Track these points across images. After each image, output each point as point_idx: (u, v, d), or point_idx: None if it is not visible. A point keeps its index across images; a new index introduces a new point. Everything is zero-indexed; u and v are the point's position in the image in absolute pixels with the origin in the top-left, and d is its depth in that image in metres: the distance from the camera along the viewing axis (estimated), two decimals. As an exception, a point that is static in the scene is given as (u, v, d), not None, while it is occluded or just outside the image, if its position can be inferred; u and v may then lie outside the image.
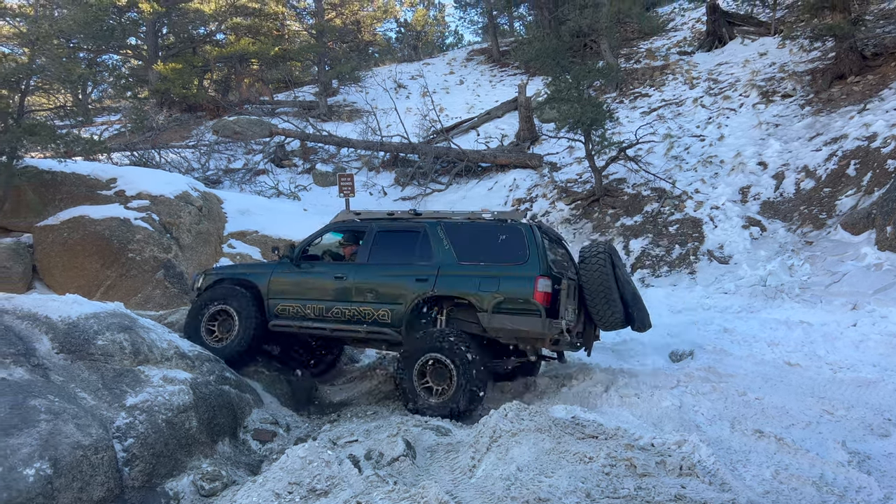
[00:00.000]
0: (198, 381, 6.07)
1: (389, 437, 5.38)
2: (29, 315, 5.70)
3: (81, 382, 5.29)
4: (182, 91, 24.48)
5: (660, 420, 6.10)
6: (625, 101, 18.82)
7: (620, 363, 8.62)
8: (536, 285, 6.49)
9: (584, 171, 15.28)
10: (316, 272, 7.66)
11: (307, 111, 25.16)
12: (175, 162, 18.41)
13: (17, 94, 12.91)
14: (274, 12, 27.01)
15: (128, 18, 25.66)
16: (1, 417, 4.28)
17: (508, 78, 26.86)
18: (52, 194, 12.65)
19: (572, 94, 13.21)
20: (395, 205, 16.69)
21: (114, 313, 6.23)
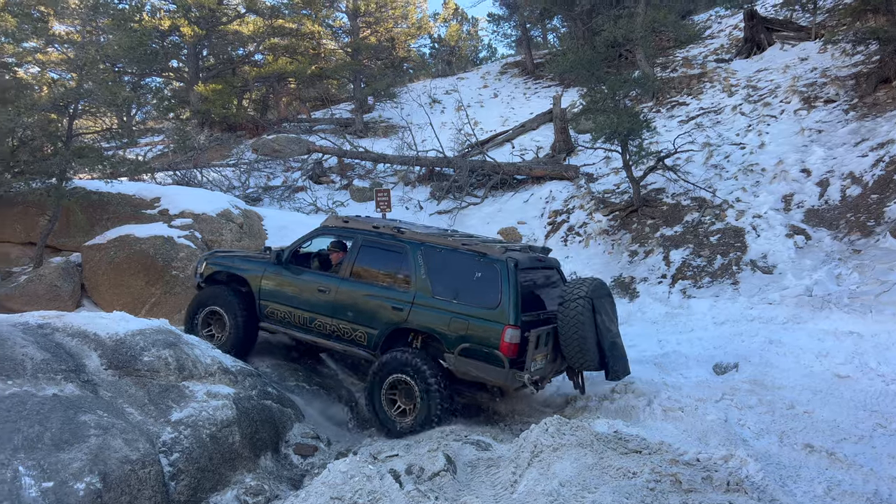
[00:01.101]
0: (240, 395, 6.15)
1: (430, 452, 5.37)
2: (78, 332, 5.85)
3: (128, 398, 5.40)
4: (222, 111, 25.04)
5: (705, 434, 5.97)
6: (662, 111, 18.62)
7: (663, 376, 8.47)
8: (503, 335, 6.33)
9: (621, 181, 15.14)
10: (303, 279, 7.71)
11: (344, 128, 25.48)
12: (216, 180, 18.79)
13: (66, 118, 13.35)
14: (310, 32, 27.48)
15: (170, 42, 26.42)
16: (53, 432, 4.39)
17: (543, 90, 26.82)
18: (99, 214, 13.02)
19: (608, 104, 13.12)
20: (430, 219, 16.73)
21: (159, 330, 6.36)
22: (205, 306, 8.03)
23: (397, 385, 6.71)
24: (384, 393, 6.73)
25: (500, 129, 21.95)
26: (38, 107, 12.85)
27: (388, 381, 6.71)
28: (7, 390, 4.63)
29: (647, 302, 11.18)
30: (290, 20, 26.90)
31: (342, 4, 27.68)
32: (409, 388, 6.61)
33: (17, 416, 4.36)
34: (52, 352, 5.37)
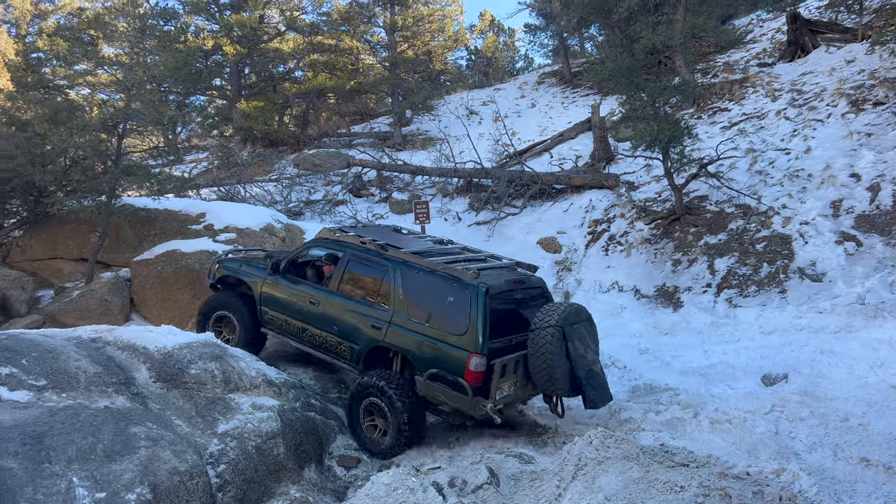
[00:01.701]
0: (284, 407, 6.23)
1: (472, 465, 5.36)
2: (128, 346, 6.01)
3: (176, 410, 5.52)
4: (264, 127, 25.55)
5: (754, 447, 5.83)
6: (703, 117, 18.33)
7: (709, 387, 8.31)
8: (468, 363, 6.34)
9: (663, 189, 14.93)
10: (298, 289, 7.97)
11: (382, 141, 25.72)
12: (259, 195, 19.13)
13: (115, 138, 13.77)
14: (349, 47, 27.86)
15: (213, 61, 27.12)
16: (105, 444, 4.51)
17: (581, 99, 26.67)
18: (146, 230, 13.37)
19: (648, 111, 12.97)
20: (469, 230, 16.74)
21: (205, 343, 6.49)
22: (215, 310, 8.56)
23: (372, 407, 6.87)
24: (362, 414, 6.91)
25: (538, 138, 21.88)
26: (88, 127, 13.28)
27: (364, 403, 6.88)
28: (62, 403, 4.77)
29: (692, 312, 10.98)
30: (329, 36, 27.34)
31: (380, 20, 28.00)
32: (382, 409, 6.75)
33: (72, 428, 4.48)
34: (103, 365, 5.53)
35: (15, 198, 14.44)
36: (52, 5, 28.36)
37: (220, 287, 9.03)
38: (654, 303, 11.79)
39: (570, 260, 14.27)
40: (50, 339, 5.62)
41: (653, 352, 10.11)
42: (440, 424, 7.77)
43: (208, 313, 8.61)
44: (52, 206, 13.35)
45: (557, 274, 13.97)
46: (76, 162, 13.83)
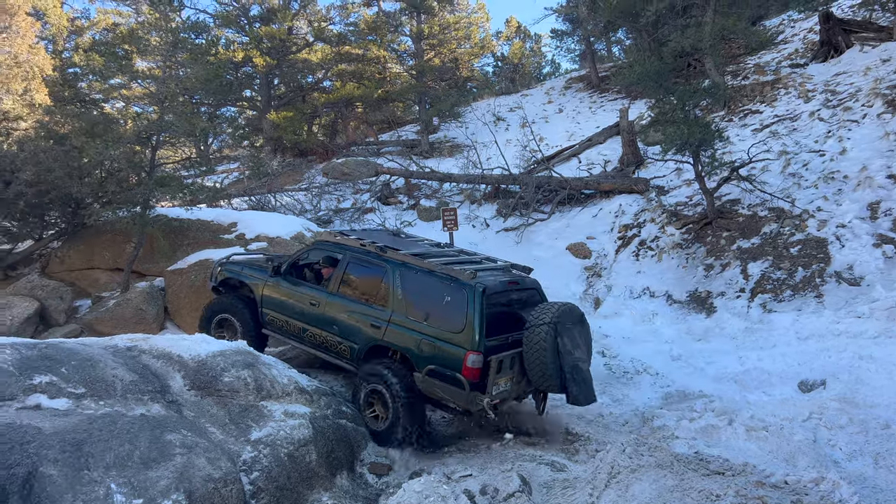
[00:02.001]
0: (316, 415, 6.27)
1: (504, 472, 5.33)
2: (163, 354, 6.10)
3: (210, 417, 5.58)
4: (293, 137, 25.86)
5: (792, 455, 5.71)
6: (734, 119, 18.09)
7: (744, 394, 8.17)
8: (466, 360, 6.57)
9: (694, 193, 14.75)
10: (299, 291, 8.16)
11: (410, 149, 25.85)
12: (289, 204, 19.34)
13: (149, 149, 14.05)
14: (376, 56, 28.09)
15: (243, 73, 27.54)
16: (142, 451, 4.58)
17: (609, 103, 26.51)
18: (180, 240, 13.60)
19: (678, 115, 12.83)
20: (497, 236, 16.72)
21: (238, 351, 6.57)
22: (217, 313, 8.76)
23: (373, 394, 7.15)
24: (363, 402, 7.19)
25: (565, 144, 21.79)
26: (123, 139, 13.57)
27: (366, 390, 7.18)
28: (100, 410, 4.86)
29: (725, 317, 10.82)
30: (357, 46, 27.60)
31: (406, 28, 28.19)
32: (383, 396, 7.02)
33: (109, 436, 4.56)
34: (139, 373, 5.62)
35: (54, 210, 14.81)
36: (87, 21, 29.09)
37: (221, 290, 9.21)
38: (686, 308, 11.64)
39: (600, 265, 14.16)
40: (88, 347, 5.73)
41: (686, 358, 9.98)
42: (471, 431, 7.75)
43: (210, 316, 8.79)
44: (88, 218, 13.65)
45: (587, 280, 13.86)
46: (111, 174, 14.14)
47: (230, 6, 27.81)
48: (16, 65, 16.18)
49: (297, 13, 27.64)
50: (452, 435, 7.79)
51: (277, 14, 26.33)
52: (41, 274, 14.56)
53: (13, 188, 13.20)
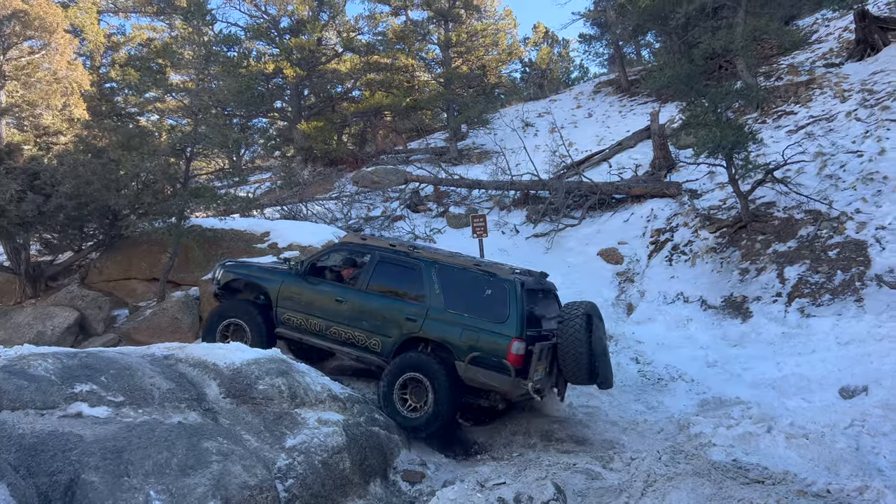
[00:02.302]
0: (349, 422, 6.30)
1: (538, 480, 5.29)
2: (199, 362, 6.19)
3: (245, 425, 5.64)
4: (323, 147, 26.13)
5: (834, 463, 5.57)
6: (768, 121, 17.80)
7: (783, 400, 8.00)
8: (511, 347, 7.02)
9: (727, 196, 14.53)
10: (321, 289, 8.28)
11: (439, 156, 25.91)
12: (320, 213, 19.52)
13: (184, 161, 14.31)
14: (404, 65, 28.25)
15: (274, 84, 27.94)
16: (179, 458, 4.65)
17: (639, 107, 26.28)
18: (214, 250, 13.80)
19: (709, 117, 12.67)
20: (527, 243, 16.65)
21: (272, 359, 6.63)
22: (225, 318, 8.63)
23: (409, 383, 7.32)
24: (396, 391, 7.32)
25: (595, 148, 21.64)
26: (158, 152, 13.85)
27: (401, 379, 7.33)
28: (138, 418, 4.95)
29: (762, 322, 10.61)
30: (385, 55, 27.80)
31: (434, 37, 28.32)
32: (420, 385, 7.22)
33: (148, 443, 4.65)
34: (176, 381, 5.71)
35: (92, 221, 15.16)
36: (123, 37, 29.76)
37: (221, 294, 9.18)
38: (721, 313, 11.45)
39: (633, 271, 14.01)
40: (126, 356, 5.84)
41: (721, 364, 9.81)
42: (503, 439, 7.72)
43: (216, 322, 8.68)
44: (125, 229, 13.94)
45: (619, 285, 13.72)
46: (147, 185, 14.43)
47: (261, 19, 28.25)
48: (55, 81, 16.62)
49: (326, 24, 27.97)
50: (485, 443, 7.76)
51: (307, 25, 26.68)
52: (80, 284, 14.91)
53: (54, 201, 13.54)
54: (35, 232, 15.13)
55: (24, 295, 15.29)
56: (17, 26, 15.56)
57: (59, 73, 16.62)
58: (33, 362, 5.05)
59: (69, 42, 17.15)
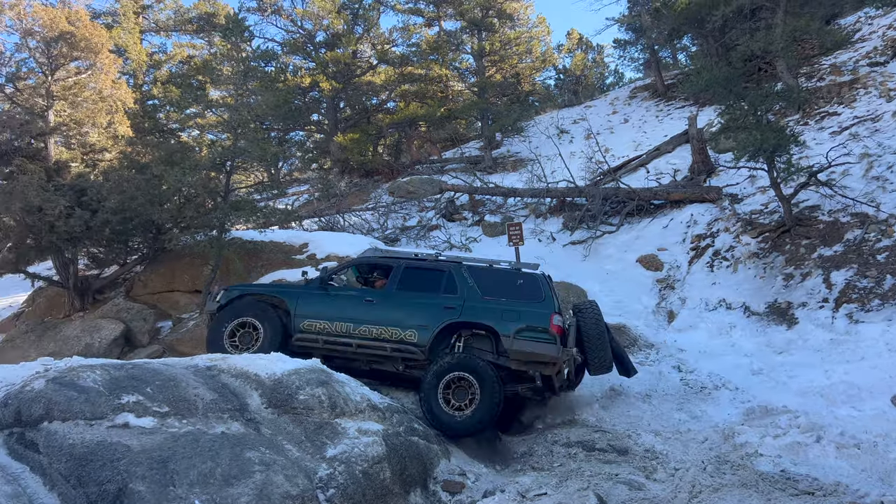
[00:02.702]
0: (389, 432, 6.30)
1: (580, 491, 5.23)
2: (241, 373, 6.27)
3: (287, 435, 5.69)
4: (360, 158, 26.39)
5: (888, 474, 5.39)
6: (810, 123, 17.40)
7: (832, 409, 7.78)
8: (553, 318, 7.72)
9: (769, 200, 14.23)
10: (346, 295, 8.59)
11: (473, 165, 25.94)
12: (357, 224, 19.69)
13: (224, 175, 14.59)
14: (438, 76, 28.42)
15: (310, 97, 28.38)
16: (223, 468, 4.71)
17: (676, 111, 25.96)
18: (254, 262, 14.03)
19: (749, 120, 12.44)
20: (564, 250, 16.52)
21: (312, 369, 6.69)
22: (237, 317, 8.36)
23: (453, 382, 7.50)
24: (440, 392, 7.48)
25: (632, 154, 21.42)
26: (199, 166, 14.15)
27: (445, 380, 7.49)
28: (183, 428, 5.04)
29: (808, 329, 10.33)
30: (419, 66, 28.01)
31: (467, 46, 28.43)
32: (465, 385, 7.44)
33: (192, 453, 4.72)
34: (219, 392, 5.79)
35: (136, 236, 15.55)
36: (164, 55, 30.58)
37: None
38: (765, 320, 11.19)
39: (673, 277, 13.79)
40: (171, 367, 5.95)
41: (767, 372, 9.58)
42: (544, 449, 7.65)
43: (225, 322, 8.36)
44: (168, 242, 14.26)
45: (660, 292, 13.52)
46: (189, 199, 14.74)
47: (297, 34, 28.75)
48: (100, 99, 17.13)
49: (360, 37, 28.32)
50: (524, 453, 7.70)
51: (342, 39, 27.05)
52: (126, 297, 15.28)
53: (100, 216, 13.92)
54: (83, 246, 15.59)
55: (72, 308, 15.74)
56: (64, 48, 16.10)
57: (104, 92, 17.11)
58: (82, 374, 5.18)
59: (113, 62, 17.67)
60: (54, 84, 16.32)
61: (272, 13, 28.35)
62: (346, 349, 8.20)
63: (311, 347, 8.29)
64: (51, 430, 4.56)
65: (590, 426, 8.23)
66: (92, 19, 18.84)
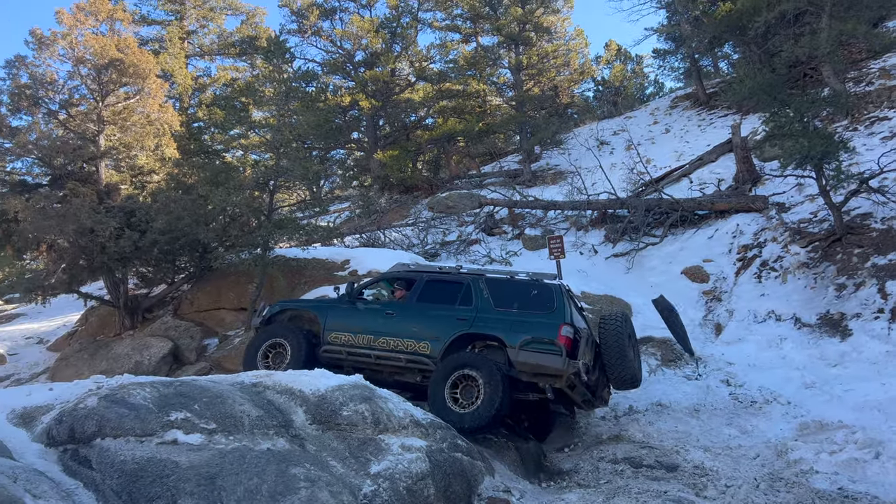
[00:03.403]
0: (432, 448, 6.27)
1: (628, 509, 5.11)
2: (286, 389, 6.32)
3: (331, 451, 5.71)
4: (399, 174, 26.60)
5: (954, 493, 5.14)
6: (859, 128, 16.93)
7: (890, 424, 7.48)
8: (560, 330, 7.53)
9: (818, 208, 13.85)
10: (369, 308, 8.77)
11: (512, 179, 25.90)
12: (397, 240, 19.81)
13: (267, 194, 14.86)
14: (476, 91, 28.54)
15: (350, 116, 28.78)
16: (269, 485, 4.74)
17: (718, 120, 25.53)
18: (297, 279, 14.22)
19: (795, 127, 12.15)
20: (607, 263, 16.33)
21: (355, 385, 6.70)
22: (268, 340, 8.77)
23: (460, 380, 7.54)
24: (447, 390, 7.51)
25: (674, 164, 21.11)
26: (243, 186, 14.45)
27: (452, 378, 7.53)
28: (229, 445, 5.10)
29: (863, 340, 9.99)
30: (457, 82, 28.19)
31: (504, 61, 28.49)
32: (472, 383, 7.45)
33: (239, 469, 4.77)
34: (264, 408, 5.85)
35: (183, 255, 15.92)
36: (208, 79, 31.41)
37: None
38: (817, 332, 10.85)
39: (720, 289, 13.50)
40: (217, 384, 6.04)
41: (820, 385, 9.27)
42: (590, 465, 7.52)
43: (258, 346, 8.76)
44: (214, 261, 14.56)
45: (706, 305, 13.24)
46: (234, 219, 15.05)
47: (336, 54, 29.25)
48: (148, 123, 17.65)
49: (399, 55, 28.64)
50: (570, 469, 7.59)
51: (381, 58, 27.40)
52: (174, 315, 15.64)
53: (148, 236, 14.30)
54: (132, 266, 16.02)
55: (122, 326, 16.17)
56: (114, 74, 16.66)
57: (151, 116, 17.63)
58: (132, 391, 5.29)
59: (160, 86, 18.20)
60: (105, 109, 16.88)
61: (312, 34, 28.93)
62: (368, 360, 8.39)
63: (337, 359, 8.57)
64: (103, 447, 4.67)
65: (636, 442, 8.07)
66: (140, 46, 19.48)
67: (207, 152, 23.63)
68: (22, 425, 5.10)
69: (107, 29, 17.59)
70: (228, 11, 30.52)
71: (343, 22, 29.16)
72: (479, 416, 7.25)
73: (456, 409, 7.41)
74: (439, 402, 7.49)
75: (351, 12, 29.25)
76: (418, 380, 8.28)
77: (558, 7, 30.00)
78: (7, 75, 16.43)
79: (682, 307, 13.14)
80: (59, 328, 19.91)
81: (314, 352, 8.63)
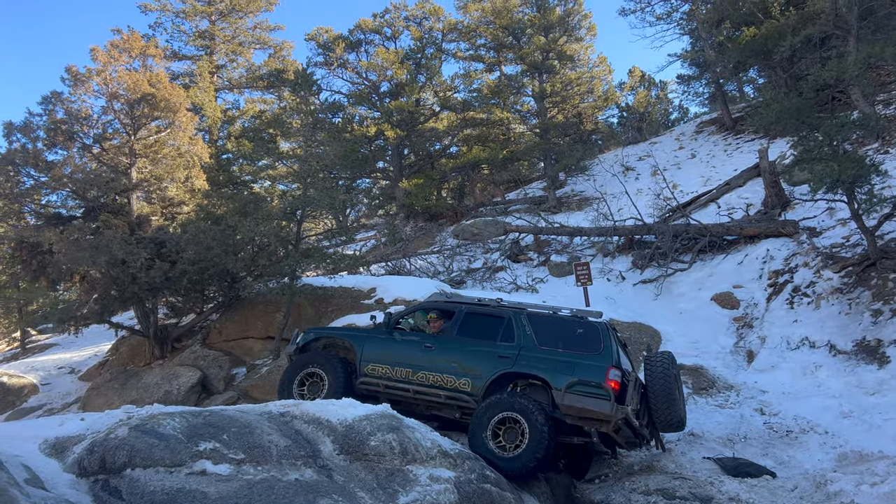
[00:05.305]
0: (461, 479, 6.19)
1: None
2: (313, 419, 6.31)
3: (359, 482, 5.67)
4: (424, 202, 26.77)
5: None
6: (891, 151, 16.67)
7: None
8: (608, 373, 7.22)
9: (851, 233, 13.60)
10: (407, 340, 8.48)
11: (537, 206, 25.89)
12: (423, 267, 19.84)
13: (294, 224, 15.03)
14: (499, 119, 28.72)
15: (376, 146, 29.13)
16: (297, 516, 4.72)
17: (745, 145, 25.33)
18: (324, 307, 14.30)
19: (825, 151, 12.00)
20: (634, 290, 16.16)
21: (383, 415, 6.67)
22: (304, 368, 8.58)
23: (502, 424, 7.22)
24: (490, 430, 7.23)
25: (701, 189, 20.94)
26: (271, 216, 14.63)
27: (496, 419, 7.22)
28: (258, 476, 5.09)
29: (903, 368, 9.71)
30: (481, 111, 28.40)
31: (528, 89, 28.66)
32: (515, 426, 7.14)
33: (268, 500, 4.75)
34: (292, 438, 5.84)
35: (212, 284, 16.11)
36: (237, 111, 32.02)
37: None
38: (853, 359, 10.58)
39: (751, 315, 13.26)
40: (245, 414, 6.05)
41: (858, 415, 9.02)
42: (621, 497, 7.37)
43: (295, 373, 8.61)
44: (242, 290, 14.72)
45: (737, 331, 13.01)
46: (262, 248, 15.23)
47: (362, 85, 29.69)
48: (178, 155, 18.02)
49: (423, 85, 28.98)
50: (602, 501, 7.44)
51: (405, 88, 27.75)
52: (202, 345, 15.78)
53: (178, 267, 14.51)
54: (162, 296, 16.25)
55: (152, 356, 16.35)
56: (146, 108, 17.09)
57: (182, 149, 18.01)
58: (162, 421, 5.33)
59: (190, 119, 18.62)
60: (137, 143, 17.29)
61: (338, 66, 29.41)
62: (405, 395, 8.18)
63: (374, 391, 8.37)
64: (133, 477, 4.69)
65: (669, 473, 7.90)
66: (171, 80, 19.97)
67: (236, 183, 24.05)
68: (54, 455, 5.15)
69: (139, 65, 18.07)
70: (257, 45, 31.17)
71: (368, 54, 29.66)
72: (523, 462, 6.98)
73: (498, 453, 7.13)
74: (479, 444, 7.22)
75: (376, 44, 29.74)
76: (457, 416, 8.10)
77: (581, 35, 30.23)
78: (43, 111, 16.93)
79: (713, 334, 12.94)
80: (90, 358, 20.21)
81: (351, 382, 8.43)
